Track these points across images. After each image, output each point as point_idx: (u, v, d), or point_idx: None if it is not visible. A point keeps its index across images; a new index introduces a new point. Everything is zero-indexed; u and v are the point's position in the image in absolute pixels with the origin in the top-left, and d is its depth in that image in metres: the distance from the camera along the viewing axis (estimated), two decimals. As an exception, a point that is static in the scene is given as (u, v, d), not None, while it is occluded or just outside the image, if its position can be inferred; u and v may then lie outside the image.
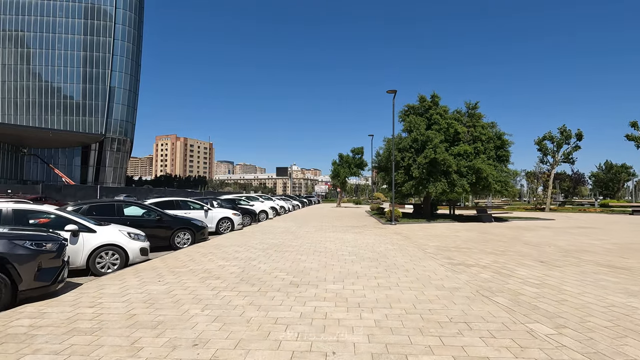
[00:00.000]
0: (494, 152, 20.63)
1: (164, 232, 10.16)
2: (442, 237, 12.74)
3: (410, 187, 19.25)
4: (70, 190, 57.85)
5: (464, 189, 19.25)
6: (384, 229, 15.47)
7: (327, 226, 16.72)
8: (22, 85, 79.33)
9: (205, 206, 13.63)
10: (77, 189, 60.59)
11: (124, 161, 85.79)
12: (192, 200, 13.83)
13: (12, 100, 79.65)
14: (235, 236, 12.55)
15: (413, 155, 19.36)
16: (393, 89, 17.59)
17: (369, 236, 12.82)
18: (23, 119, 78.91)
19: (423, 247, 10.27)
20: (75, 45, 79.43)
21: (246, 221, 17.26)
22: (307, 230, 14.61)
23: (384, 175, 22.20)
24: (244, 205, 20.23)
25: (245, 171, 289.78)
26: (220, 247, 10.01)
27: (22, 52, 79.08)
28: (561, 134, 30.89)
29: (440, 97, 21.91)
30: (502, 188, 19.22)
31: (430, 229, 15.57)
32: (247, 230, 14.49)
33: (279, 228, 15.60)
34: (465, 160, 19.78)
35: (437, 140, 18.68)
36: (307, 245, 10.34)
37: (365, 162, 41.62)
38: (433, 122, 20.74)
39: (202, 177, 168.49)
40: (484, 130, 20.99)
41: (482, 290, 5.58)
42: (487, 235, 13.26)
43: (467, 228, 16.23)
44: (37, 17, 79.28)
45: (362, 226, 16.94)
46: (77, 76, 79.50)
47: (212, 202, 16.92)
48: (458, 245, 10.71)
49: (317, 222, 19.41)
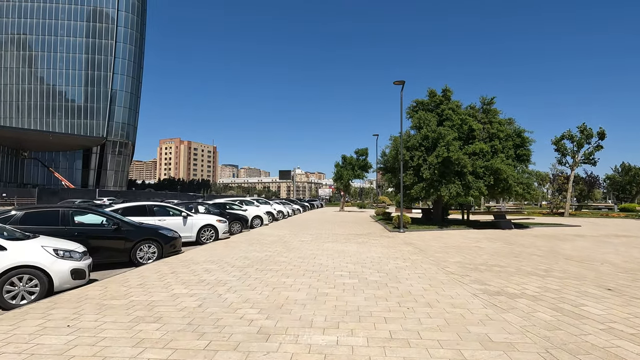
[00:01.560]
0: (513, 151, 18.51)
1: (123, 245, 8.26)
2: (462, 249, 10.70)
3: (420, 189, 17.21)
4: (68, 194, 56.51)
5: (480, 192, 17.16)
6: (391, 238, 13.44)
7: (326, 234, 14.74)
8: (24, 88, 78.79)
9: (184, 212, 11.74)
10: (75, 193, 59.31)
11: (125, 164, 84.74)
12: (170, 206, 11.96)
13: (14, 103, 79.08)
14: (216, 248, 10.63)
15: (423, 154, 17.34)
16: (400, 80, 15.65)
17: (375, 248, 10.82)
18: (25, 121, 78.26)
19: (442, 263, 8.25)
20: (77, 48, 78.86)
21: (236, 228, 15.35)
22: (302, 240, 12.64)
23: (391, 177, 20.17)
24: (236, 210, 18.34)
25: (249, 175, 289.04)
26: (190, 263, 8.08)
27: (24, 54, 78.64)
28: (581, 133, 28.63)
29: (452, 91, 19.91)
30: (524, 191, 17.09)
31: (445, 238, 13.51)
32: (234, 240, 12.55)
33: (271, 237, 13.65)
34: (482, 160, 17.71)
35: (450, 137, 16.65)
36: (297, 262, 8.37)
37: (370, 164, 39.61)
38: (445, 118, 18.71)
39: (205, 180, 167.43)
40: (501, 127, 18.92)
41: (554, 349, 3.57)
42: (516, 247, 11.18)
43: (488, 237, 14.13)
44: (40, 20, 78.87)
45: (366, 234, 14.93)
46: (79, 79, 78.85)
47: (197, 207, 15.05)
48: (485, 261, 8.66)
49: (317, 229, 17.43)
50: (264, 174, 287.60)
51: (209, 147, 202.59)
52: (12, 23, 78.83)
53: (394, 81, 15.90)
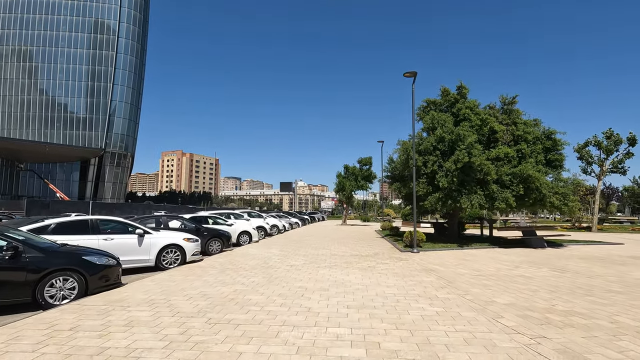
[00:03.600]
0: (542, 155, 15.88)
1: (24, 278, 5.69)
2: (504, 279, 7.97)
3: (436, 200, 14.52)
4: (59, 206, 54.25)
5: (507, 203, 14.45)
6: (404, 261, 10.73)
7: (324, 255, 12.05)
8: (24, 99, 77.94)
9: (140, 229, 9.15)
10: (67, 205, 57.07)
11: (124, 176, 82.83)
12: (123, 221, 9.40)
13: (13, 114, 78.12)
14: (174, 277, 8.00)
15: (438, 159, 14.74)
16: (411, 71, 13.22)
17: (386, 277, 8.13)
18: (22, 133, 77.06)
19: (490, 309, 5.56)
20: (78, 59, 78.29)
21: (215, 247, 12.72)
22: (292, 264, 9.97)
23: (400, 186, 17.53)
24: (221, 224, 15.73)
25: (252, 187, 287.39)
26: (115, 307, 5.46)
27: (25, 65, 78.13)
28: (608, 139, 25.95)
29: (468, 88, 17.45)
30: (561, 203, 14.34)
31: (471, 261, 10.77)
32: (204, 264, 9.90)
33: (255, 259, 10.99)
34: (508, 166, 15.08)
35: (471, 139, 14.08)
36: (275, 305, 5.71)
37: (374, 174, 36.95)
38: (462, 119, 16.20)
39: (207, 193, 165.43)
40: (528, 127, 16.36)
41: None
42: (573, 276, 8.43)
43: (525, 259, 11.37)
44: (41, 32, 78.65)
45: (372, 255, 12.22)
46: (79, 90, 77.96)
47: (168, 221, 12.49)
48: (550, 303, 5.95)
49: (313, 247, 14.73)
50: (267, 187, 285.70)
51: (211, 159, 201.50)
52: (14, 35, 78.69)
53: (404, 73, 13.45)
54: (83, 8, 79.33)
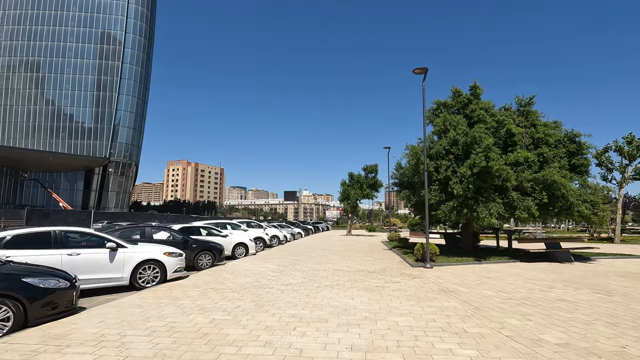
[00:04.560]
0: (566, 160, 14.47)
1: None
2: (542, 305, 6.56)
3: (450, 210, 13.13)
4: (60, 216, 53.59)
5: (529, 212, 13.01)
6: (418, 279, 9.33)
7: (325, 271, 10.70)
8: (30, 109, 78.48)
9: (112, 242, 7.93)
10: (67, 215, 56.42)
11: (128, 185, 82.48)
12: (95, 233, 8.18)
13: (19, 124, 78.61)
14: (144, 300, 6.73)
15: (452, 164, 13.41)
16: (422, 67, 12.03)
17: (398, 302, 6.77)
18: (28, 142, 77.37)
19: (539, 352, 4.18)
20: (84, 69, 78.95)
21: (204, 262, 11.45)
22: (288, 283, 8.64)
23: (409, 194, 16.18)
24: (215, 235, 14.48)
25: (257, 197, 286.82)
26: (54, 346, 4.19)
27: (32, 76, 78.92)
28: (629, 144, 24.39)
29: (482, 88, 16.20)
30: (590, 212, 12.87)
31: (495, 280, 9.34)
32: (187, 283, 8.62)
33: (247, 276, 9.68)
34: (529, 171, 13.70)
35: (488, 142, 12.76)
36: (254, 347, 4.38)
37: (380, 182, 35.52)
38: (476, 121, 14.90)
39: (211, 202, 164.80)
40: (549, 130, 15.01)
41: None
42: (620, 299, 6.98)
43: (556, 277, 9.90)
44: (49, 43, 79.60)
45: (380, 271, 10.83)
46: (85, 100, 78.36)
47: (152, 232, 11.26)
48: (614, 342, 4.55)
49: (315, 261, 13.38)
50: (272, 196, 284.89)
51: (216, 168, 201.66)
52: (22, 46, 79.78)
53: (414, 69, 12.26)
54: (90, 19, 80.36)
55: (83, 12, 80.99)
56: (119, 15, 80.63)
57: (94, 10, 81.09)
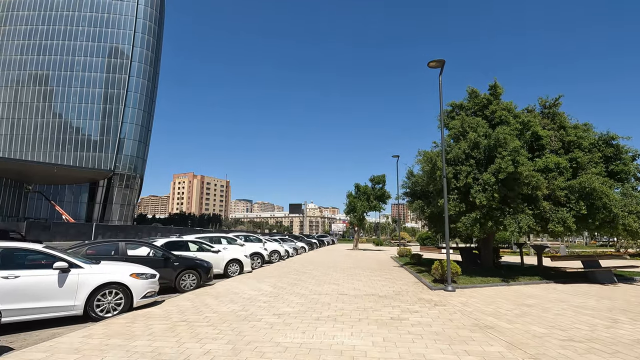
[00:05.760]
0: (602, 165, 12.74)
1: None
2: (621, 353, 4.82)
3: (472, 222, 11.40)
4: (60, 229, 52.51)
5: (565, 225, 11.25)
6: (442, 307, 7.60)
7: (328, 295, 9.01)
8: (37, 122, 78.94)
9: (62, 261, 6.41)
10: (68, 227, 55.38)
11: (132, 198, 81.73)
12: (43, 251, 6.66)
13: (26, 136, 79.02)
14: (87, 342, 5.14)
15: (473, 169, 11.78)
16: (438, 59, 10.56)
17: (422, 345, 5.07)
18: (34, 154, 77.49)
19: None
20: (92, 83, 79.62)
21: (188, 283, 9.85)
22: (281, 312, 6.99)
23: (422, 205, 14.47)
24: (206, 250, 12.89)
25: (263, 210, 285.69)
26: None
27: (41, 90, 79.73)
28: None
29: (503, 88, 14.67)
30: (638, 225, 11.05)
31: (537, 309, 7.57)
32: (159, 311, 7.02)
33: (233, 301, 8.05)
34: (561, 178, 11.99)
35: (515, 144, 11.15)
36: None
37: (388, 194, 33.74)
38: (498, 122, 13.34)
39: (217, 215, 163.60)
40: (581, 132, 13.34)
41: None
42: None
43: (610, 304, 8.07)
44: (58, 57, 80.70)
45: (394, 295, 9.11)
46: (92, 112, 78.69)
47: (126, 249, 9.73)
48: None
49: (318, 280, 11.68)
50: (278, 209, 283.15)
51: (222, 181, 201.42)
52: (32, 60, 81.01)
53: (429, 62, 10.82)
54: (99, 34, 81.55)
55: (92, 27, 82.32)
56: (127, 29, 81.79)
57: (103, 26, 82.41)
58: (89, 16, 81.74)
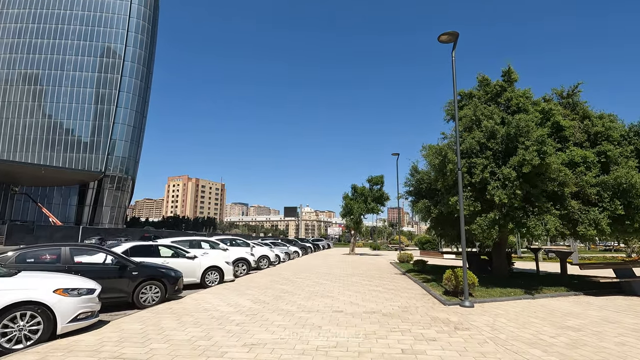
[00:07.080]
0: (634, 160, 11.15)
1: None
2: None
3: (489, 224, 9.73)
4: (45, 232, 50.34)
5: (598, 227, 9.62)
6: (466, 334, 5.89)
7: (320, 312, 7.27)
8: (26, 121, 76.73)
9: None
10: (54, 230, 53.18)
11: (123, 200, 79.45)
12: None
13: (14, 136, 76.72)
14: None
15: (490, 163, 10.14)
16: (451, 31, 8.95)
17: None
18: (23, 155, 75.14)
19: None
20: (83, 83, 77.67)
21: (151, 296, 8.07)
22: (254, 343, 5.24)
23: (429, 204, 12.78)
24: (181, 256, 11.11)
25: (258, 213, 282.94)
26: None
27: (31, 89, 77.62)
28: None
29: (517, 74, 13.09)
30: (684, 227, 9.46)
31: (591, 336, 5.89)
32: (90, 341, 5.24)
33: (199, 324, 6.28)
34: (590, 174, 10.38)
35: (541, 132, 9.54)
36: None
37: (387, 195, 32.09)
38: (515, 110, 11.74)
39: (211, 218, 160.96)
40: (609, 122, 11.77)
41: None
42: None
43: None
44: (49, 56, 78.73)
45: (401, 312, 7.39)
46: (82, 113, 76.67)
47: (72, 254, 7.93)
48: None
49: (308, 292, 9.92)
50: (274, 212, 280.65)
51: (217, 184, 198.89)
52: (22, 59, 78.95)
53: (440, 35, 9.18)
54: (91, 33, 79.72)
55: (84, 25, 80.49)
56: (120, 29, 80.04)
57: (95, 24, 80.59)
58: (81, 15, 79.92)
